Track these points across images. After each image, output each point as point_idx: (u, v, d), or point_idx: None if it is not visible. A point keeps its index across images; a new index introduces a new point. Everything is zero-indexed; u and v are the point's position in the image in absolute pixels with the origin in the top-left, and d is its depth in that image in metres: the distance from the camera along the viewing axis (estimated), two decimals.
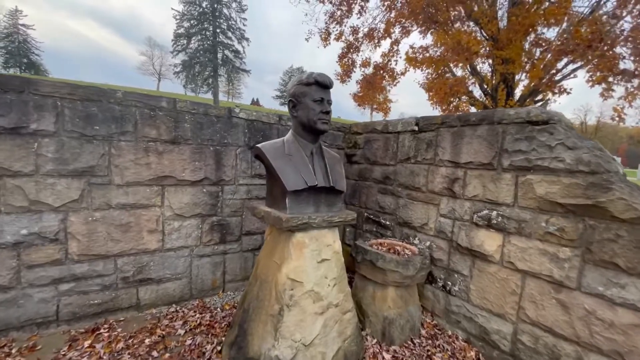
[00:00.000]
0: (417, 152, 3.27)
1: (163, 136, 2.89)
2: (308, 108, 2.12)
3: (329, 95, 2.20)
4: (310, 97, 2.12)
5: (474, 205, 2.74)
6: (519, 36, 6.47)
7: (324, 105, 2.14)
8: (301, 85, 2.14)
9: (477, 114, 2.71)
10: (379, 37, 8.15)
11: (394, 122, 3.54)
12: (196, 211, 3.14)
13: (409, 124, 3.34)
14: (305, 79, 2.13)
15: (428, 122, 3.15)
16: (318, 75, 2.12)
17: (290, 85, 2.25)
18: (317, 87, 2.12)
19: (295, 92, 2.16)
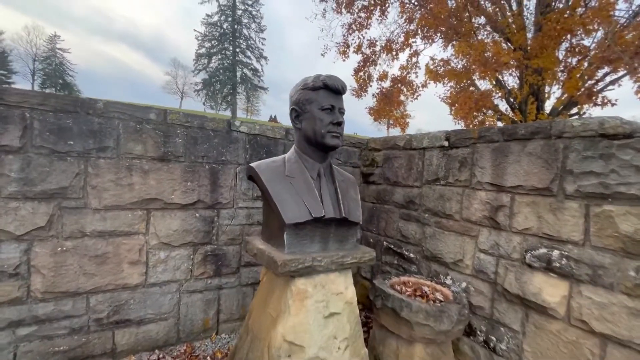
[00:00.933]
0: (447, 172, 2.73)
1: (150, 153, 2.50)
2: (314, 118, 1.67)
3: (342, 103, 1.74)
4: (318, 105, 1.66)
5: (525, 240, 2.15)
6: (552, 44, 5.90)
7: (335, 114, 1.68)
8: (306, 91, 1.70)
9: (527, 125, 2.17)
10: (397, 49, 7.76)
11: (418, 136, 3.03)
12: (187, 239, 2.71)
13: (438, 138, 2.83)
14: (311, 82, 1.69)
15: (461, 137, 2.62)
16: (327, 78, 1.67)
17: (293, 90, 1.81)
18: (326, 92, 1.67)
19: (299, 98, 1.72)
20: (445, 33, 7.64)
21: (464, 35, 7.50)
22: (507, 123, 8.14)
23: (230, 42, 36.39)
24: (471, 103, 6.29)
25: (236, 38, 36.48)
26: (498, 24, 7.45)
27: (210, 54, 36.24)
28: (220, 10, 36.24)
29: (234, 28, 36.21)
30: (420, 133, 3.04)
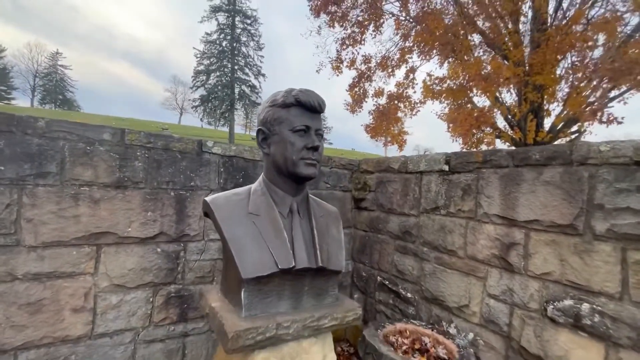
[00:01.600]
0: (448, 200, 2.38)
1: (102, 178, 2.14)
2: (285, 142, 1.31)
3: (319, 123, 1.39)
4: (289, 125, 1.31)
5: (545, 288, 1.78)
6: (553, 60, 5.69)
7: (310, 137, 1.33)
8: (275, 108, 1.35)
9: (542, 149, 1.84)
10: (393, 66, 7.58)
11: (415, 158, 2.70)
12: (145, 279, 2.31)
13: (436, 161, 2.49)
14: (281, 98, 1.34)
15: (463, 160, 2.29)
16: (300, 93, 1.32)
17: (261, 108, 1.46)
18: (300, 110, 1.32)
19: (267, 117, 1.36)
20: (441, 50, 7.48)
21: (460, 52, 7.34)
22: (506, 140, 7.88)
23: (229, 60, 36.78)
24: (472, 120, 6.01)
25: (235, 55, 36.88)
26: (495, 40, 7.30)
27: (208, 70, 36.55)
28: (220, 29, 36.80)
29: (233, 46, 36.68)
30: (417, 155, 2.71)
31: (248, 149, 2.75)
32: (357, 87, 7.84)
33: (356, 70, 7.85)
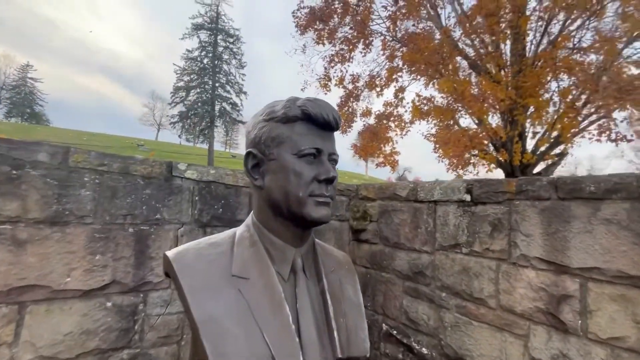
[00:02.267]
0: (472, 236, 2.00)
1: (32, 212, 1.61)
2: (286, 171, 0.85)
3: (333, 145, 0.95)
4: (293, 148, 0.85)
5: (616, 357, 1.39)
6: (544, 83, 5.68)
7: (323, 164, 0.88)
8: (273, 123, 0.88)
9: (598, 179, 1.50)
10: (382, 85, 7.44)
11: (427, 185, 2.32)
12: (89, 345, 1.74)
13: (455, 190, 2.12)
14: (281, 110, 0.86)
15: (490, 190, 1.93)
16: (309, 103, 0.85)
17: (250, 123, 1.01)
18: (308, 126, 0.85)
19: (260, 136, 0.90)
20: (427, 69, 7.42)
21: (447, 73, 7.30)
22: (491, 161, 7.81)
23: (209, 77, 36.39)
24: (466, 141, 5.84)
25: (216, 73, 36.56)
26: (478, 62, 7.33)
27: (188, 87, 35.92)
28: (201, 47, 36.57)
29: (214, 63, 36.41)
30: (428, 182, 2.34)
31: (230, 172, 2.28)
32: (346, 107, 7.60)
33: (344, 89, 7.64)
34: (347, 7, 7.56)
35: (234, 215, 2.24)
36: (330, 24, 7.46)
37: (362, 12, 7.72)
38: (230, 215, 2.23)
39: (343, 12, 7.82)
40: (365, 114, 7.29)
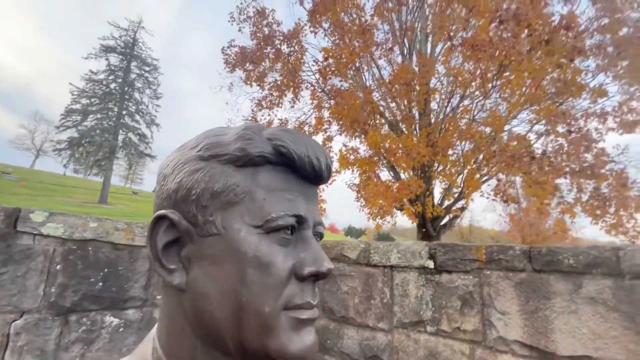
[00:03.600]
0: (438, 311, 1.70)
1: None
2: (239, 259, 0.36)
3: (317, 207, 0.51)
4: (255, 214, 0.38)
5: None
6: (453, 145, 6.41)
7: (308, 247, 0.43)
8: (218, 166, 0.40)
9: (576, 251, 1.38)
10: (310, 133, 7.45)
11: (381, 247, 2.01)
12: None
13: (415, 254, 1.84)
14: (236, 144, 0.38)
15: (457, 257, 1.70)
16: (288, 137, 0.39)
17: (170, 163, 0.48)
18: (283, 174, 0.41)
19: (190, 188, 0.40)
20: (352, 124, 7.79)
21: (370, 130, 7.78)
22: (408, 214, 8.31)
23: (116, 103, 32.55)
24: (394, 194, 6.01)
25: (125, 100, 32.98)
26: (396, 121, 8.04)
27: (86, 111, 31.24)
28: (110, 70, 32.99)
29: (124, 90, 32.96)
30: (384, 243, 2.03)
31: (126, 225, 1.57)
32: None
33: None
34: (279, 54, 7.65)
35: (123, 291, 1.51)
36: (260, 67, 7.37)
37: (293, 61, 7.90)
38: (117, 291, 1.49)
39: (274, 57, 7.89)
40: None
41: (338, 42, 6.89)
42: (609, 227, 6.09)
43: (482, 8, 5.22)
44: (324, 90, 7.87)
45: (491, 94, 7.20)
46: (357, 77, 8.47)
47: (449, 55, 7.47)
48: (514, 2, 5.48)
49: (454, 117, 7.27)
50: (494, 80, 6.17)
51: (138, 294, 1.53)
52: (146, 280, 1.58)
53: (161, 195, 0.42)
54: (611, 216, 5.73)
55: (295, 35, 7.39)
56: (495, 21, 5.10)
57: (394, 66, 8.18)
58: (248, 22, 7.51)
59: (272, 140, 0.40)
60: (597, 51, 6.05)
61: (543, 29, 4.87)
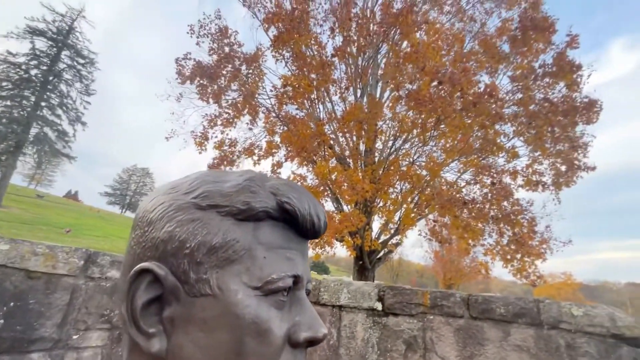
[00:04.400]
0: (383, 354, 1.73)
1: None
2: (235, 324, 0.34)
3: (308, 262, 0.50)
4: (253, 273, 0.37)
5: None
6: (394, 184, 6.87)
7: (304, 309, 0.42)
8: (217, 218, 0.37)
9: (505, 301, 1.55)
10: (260, 156, 7.36)
11: (332, 285, 2.01)
12: None
13: (366, 295, 1.88)
14: (239, 197, 0.38)
15: (404, 300, 1.78)
16: (293, 194, 0.40)
17: (157, 207, 0.39)
18: (284, 231, 0.40)
19: (184, 240, 0.36)
20: (302, 152, 7.94)
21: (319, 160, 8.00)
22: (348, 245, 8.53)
23: (34, 92, 28.42)
24: (336, 226, 6.12)
25: (47, 90, 29.01)
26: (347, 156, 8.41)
27: None
28: (34, 55, 29.03)
29: (47, 79, 29.07)
30: (334, 279, 2.04)
31: (44, 250, 1.32)
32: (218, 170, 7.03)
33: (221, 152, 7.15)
34: (237, 74, 7.58)
35: (31, 330, 1.24)
36: (216, 84, 7.19)
37: (250, 83, 7.90)
38: (22, 330, 1.22)
39: (231, 76, 7.79)
40: None
41: (297, 72, 7.13)
42: (515, 271, 7.00)
43: (426, 69, 5.94)
44: (279, 115, 7.95)
45: (429, 142, 8.04)
46: (311, 108, 8.77)
47: (396, 103, 8.23)
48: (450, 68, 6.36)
49: (396, 158, 7.90)
50: (432, 130, 6.92)
51: (49, 334, 1.27)
52: (63, 317, 1.32)
53: (144, 244, 0.38)
54: (518, 261, 6.59)
55: (255, 59, 7.45)
56: (435, 81, 5.82)
57: (346, 104, 8.69)
58: (208, 37, 7.38)
59: (277, 195, 0.39)
60: (513, 119, 7.24)
61: (472, 93, 5.70)
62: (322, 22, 7.55)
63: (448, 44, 8.23)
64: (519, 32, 7.50)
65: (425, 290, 1.75)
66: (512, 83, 7.34)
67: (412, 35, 6.85)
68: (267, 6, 7.40)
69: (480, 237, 6.38)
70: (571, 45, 7.11)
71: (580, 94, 7.40)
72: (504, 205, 6.58)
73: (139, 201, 34.28)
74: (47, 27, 29.74)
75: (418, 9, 7.92)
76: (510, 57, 7.87)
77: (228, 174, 0.42)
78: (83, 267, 1.46)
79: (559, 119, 6.96)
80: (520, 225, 6.28)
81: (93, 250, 1.54)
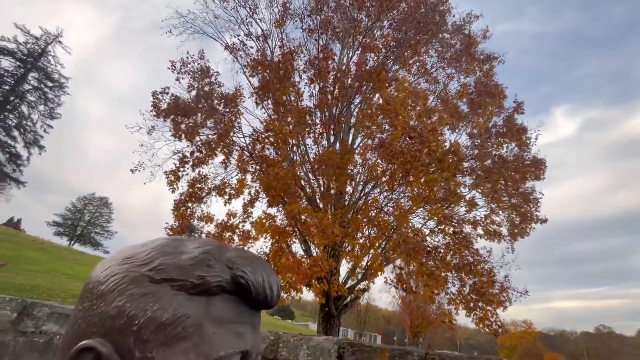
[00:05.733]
0: None
1: None
2: None
3: (259, 334, 0.52)
4: (201, 351, 0.38)
5: None
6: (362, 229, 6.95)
7: None
8: (169, 292, 0.37)
9: (459, 358, 1.58)
10: (231, 195, 7.23)
11: (291, 341, 1.93)
12: None
13: (325, 352, 1.82)
14: (195, 271, 0.39)
15: (363, 358, 1.75)
16: (248, 266, 0.41)
17: (106, 279, 0.39)
18: (235, 304, 0.41)
19: (132, 316, 0.36)
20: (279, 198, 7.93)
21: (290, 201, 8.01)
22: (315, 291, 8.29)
23: None
24: (305, 271, 5.97)
25: (5, 110, 27.41)
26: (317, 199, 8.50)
27: None
28: None
29: (7, 99, 27.62)
30: (293, 335, 1.97)
31: None
32: (184, 207, 6.75)
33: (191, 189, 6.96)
34: (214, 112, 7.68)
35: None
36: (191, 120, 7.20)
37: (226, 121, 8.00)
38: None
39: (208, 114, 7.87)
40: (206, 219, 6.63)
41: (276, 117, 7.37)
42: (477, 320, 7.09)
43: (396, 122, 6.40)
44: (252, 155, 8.01)
45: (397, 190, 8.39)
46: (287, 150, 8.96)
47: (366, 150, 8.64)
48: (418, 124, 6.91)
49: (365, 203, 8.10)
50: (400, 179, 7.27)
51: None
52: None
53: (89, 319, 0.37)
54: (480, 310, 6.71)
55: (233, 99, 7.64)
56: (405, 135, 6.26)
57: (319, 147, 9.00)
58: (189, 75, 7.53)
59: (232, 269, 0.40)
60: (471, 172, 7.82)
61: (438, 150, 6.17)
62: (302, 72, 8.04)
63: (413, 101, 9.00)
64: (475, 96, 8.43)
65: (384, 348, 1.74)
66: (470, 139, 8.03)
67: (384, 90, 7.45)
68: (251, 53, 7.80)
69: (444, 285, 6.49)
70: (518, 110, 8.04)
71: (529, 153, 8.26)
72: (465, 254, 6.84)
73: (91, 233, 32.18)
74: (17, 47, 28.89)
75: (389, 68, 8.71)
76: (468, 117, 8.73)
77: (187, 244, 0.43)
78: (15, 320, 1.32)
79: (511, 174, 7.63)
80: (480, 275, 6.50)
81: (30, 300, 1.40)
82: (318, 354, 1.85)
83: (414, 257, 6.23)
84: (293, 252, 8.25)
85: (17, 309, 1.39)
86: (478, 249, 7.43)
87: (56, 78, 30.93)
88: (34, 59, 29.76)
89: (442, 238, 7.42)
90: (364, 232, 7.38)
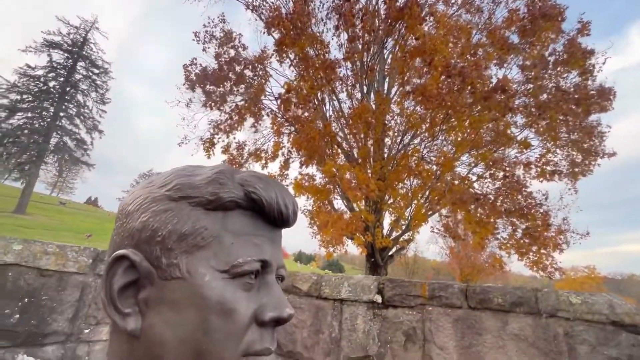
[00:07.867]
0: (384, 346, 1.75)
1: None
2: (203, 304, 0.36)
3: (280, 250, 0.53)
4: (221, 258, 0.40)
5: None
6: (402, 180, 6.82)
7: (271, 291, 0.45)
8: (187, 208, 0.40)
9: (504, 291, 1.55)
10: (267, 158, 7.43)
11: (333, 280, 2.04)
12: None
13: (365, 288, 1.90)
14: (208, 187, 0.41)
15: (403, 292, 1.79)
16: (260, 184, 0.42)
17: (135, 200, 0.43)
18: (252, 219, 0.42)
19: (156, 228, 0.38)
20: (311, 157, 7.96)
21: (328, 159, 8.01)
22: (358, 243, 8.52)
23: (53, 103, 29.52)
24: (343, 224, 6.12)
25: (65, 101, 30.08)
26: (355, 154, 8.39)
27: (14, 107, 27.84)
28: (51, 67, 30.15)
29: (65, 90, 30.15)
30: (335, 275, 2.07)
31: (55, 249, 1.41)
32: None
33: (229, 155, 7.26)
34: (242, 78, 7.67)
35: (45, 324, 1.33)
36: (220, 89, 7.29)
37: (256, 85, 7.98)
38: (36, 325, 1.30)
39: (236, 80, 7.89)
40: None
41: (302, 73, 7.17)
42: (531, 264, 6.84)
43: (435, 62, 5.87)
44: (285, 117, 8.02)
45: (438, 137, 7.94)
46: (318, 107, 8.80)
47: (404, 99, 8.16)
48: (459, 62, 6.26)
49: (405, 154, 7.84)
50: (441, 124, 6.84)
51: (62, 328, 1.35)
52: (74, 312, 1.41)
53: (122, 234, 0.42)
54: (534, 254, 6.44)
55: (260, 61, 7.53)
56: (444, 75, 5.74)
57: (353, 100, 8.68)
58: (214, 42, 7.50)
59: (244, 185, 0.42)
60: (523, 110, 7.07)
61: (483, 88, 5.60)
62: (326, 20, 7.56)
63: (455, 37, 8.09)
64: (528, 22, 7.31)
65: (424, 282, 1.76)
66: (522, 73, 7.16)
67: (418, 28, 6.77)
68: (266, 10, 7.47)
69: (494, 232, 6.25)
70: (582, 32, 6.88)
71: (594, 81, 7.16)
72: (517, 199, 6.44)
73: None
74: (62, 39, 30.82)
75: (424, 2, 7.82)
76: (519, 47, 7.68)
77: (201, 169, 0.46)
78: (92, 265, 1.55)
79: (572, 107, 6.75)
80: (534, 219, 6.13)
81: (101, 249, 1.62)
82: (359, 290, 1.94)
83: (460, 205, 6.02)
84: (335, 209, 8.43)
85: (92, 256, 1.62)
86: (532, 192, 6.94)
87: (100, 64, 32.81)
88: (79, 48, 31.63)
89: (491, 183, 7.01)
90: (405, 183, 7.24)
